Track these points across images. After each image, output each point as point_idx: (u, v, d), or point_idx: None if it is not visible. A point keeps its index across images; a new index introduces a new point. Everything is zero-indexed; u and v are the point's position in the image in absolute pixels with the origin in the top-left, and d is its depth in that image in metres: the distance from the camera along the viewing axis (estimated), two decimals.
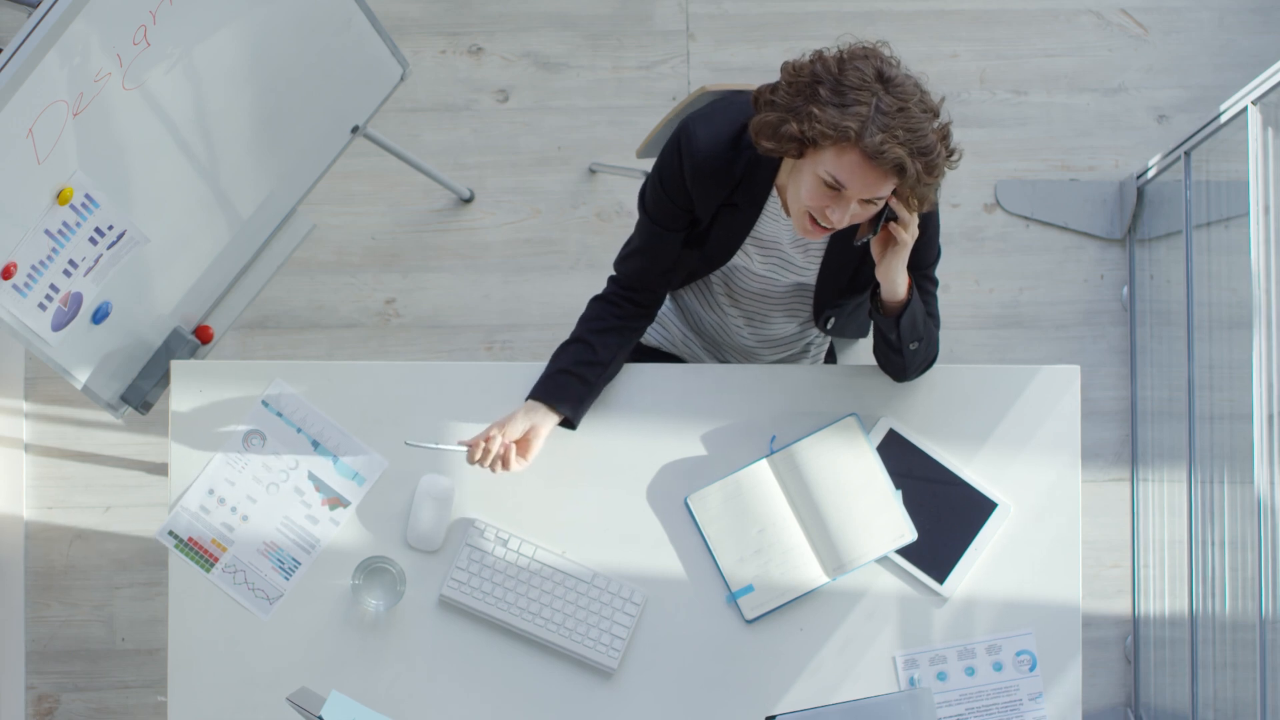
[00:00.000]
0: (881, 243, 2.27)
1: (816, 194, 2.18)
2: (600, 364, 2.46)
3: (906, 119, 2.11)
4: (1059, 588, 2.51)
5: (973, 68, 3.51)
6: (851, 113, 2.11)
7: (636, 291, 2.48)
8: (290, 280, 3.41)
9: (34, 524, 3.35)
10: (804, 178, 2.19)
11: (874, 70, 2.13)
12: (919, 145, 2.12)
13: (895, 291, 2.33)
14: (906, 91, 2.13)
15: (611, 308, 2.48)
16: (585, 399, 2.46)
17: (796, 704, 2.48)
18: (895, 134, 2.11)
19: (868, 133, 2.10)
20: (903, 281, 2.31)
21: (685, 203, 2.36)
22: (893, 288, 2.32)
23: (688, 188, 2.34)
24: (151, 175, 2.45)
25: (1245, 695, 2.95)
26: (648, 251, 2.44)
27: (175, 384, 2.54)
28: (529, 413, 2.43)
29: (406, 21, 3.49)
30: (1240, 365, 2.95)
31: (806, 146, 2.15)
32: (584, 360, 2.45)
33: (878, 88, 2.12)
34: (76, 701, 3.31)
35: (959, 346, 3.41)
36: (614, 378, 2.51)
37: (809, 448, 2.51)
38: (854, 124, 2.11)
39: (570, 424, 2.47)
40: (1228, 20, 3.52)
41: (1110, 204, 3.46)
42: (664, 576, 2.50)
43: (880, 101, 2.11)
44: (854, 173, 2.14)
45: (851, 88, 2.12)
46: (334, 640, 2.48)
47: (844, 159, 2.13)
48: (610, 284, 2.51)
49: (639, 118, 3.47)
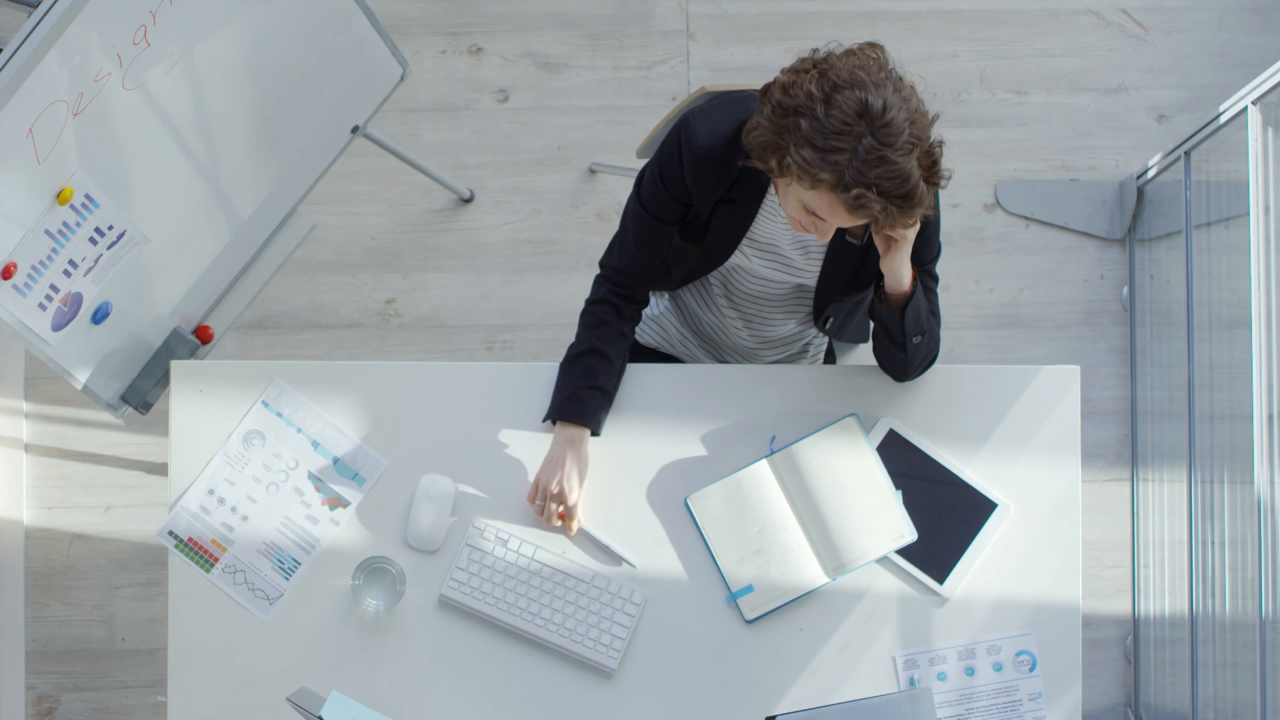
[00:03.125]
0: (884, 235, 2.27)
1: (799, 214, 2.19)
2: (616, 372, 2.48)
3: (887, 169, 2.06)
4: (1059, 588, 2.51)
5: (973, 68, 3.51)
6: (829, 161, 2.06)
7: (630, 287, 2.48)
8: (290, 280, 3.41)
9: (34, 524, 3.35)
10: (789, 196, 2.18)
11: (859, 104, 2.06)
12: (899, 192, 2.08)
13: (900, 283, 2.33)
14: (893, 130, 2.06)
15: (611, 310, 2.48)
16: (608, 408, 2.49)
17: (796, 704, 2.48)
18: (873, 185, 2.06)
19: (843, 185, 2.07)
20: (907, 273, 2.32)
21: (684, 197, 2.36)
22: (897, 279, 2.32)
23: (687, 183, 2.33)
24: (151, 175, 2.45)
25: (1245, 695, 2.95)
26: (642, 244, 2.44)
27: (175, 384, 2.54)
28: (573, 444, 2.45)
29: (406, 21, 3.49)
30: (1240, 365, 2.95)
31: (784, 174, 2.15)
32: (604, 371, 2.46)
33: (860, 128, 2.05)
34: (76, 701, 3.31)
35: (959, 346, 3.41)
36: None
37: (809, 448, 2.51)
38: (829, 176, 2.07)
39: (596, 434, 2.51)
40: (1228, 20, 3.52)
41: (1110, 204, 3.46)
42: (664, 576, 2.50)
43: (861, 147, 2.05)
44: (831, 211, 2.13)
45: (833, 131, 2.06)
46: (334, 640, 2.48)
47: (820, 197, 2.12)
48: (602, 283, 2.50)
49: (639, 118, 3.47)
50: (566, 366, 2.48)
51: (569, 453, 2.45)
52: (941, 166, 2.15)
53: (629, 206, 2.44)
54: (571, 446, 2.45)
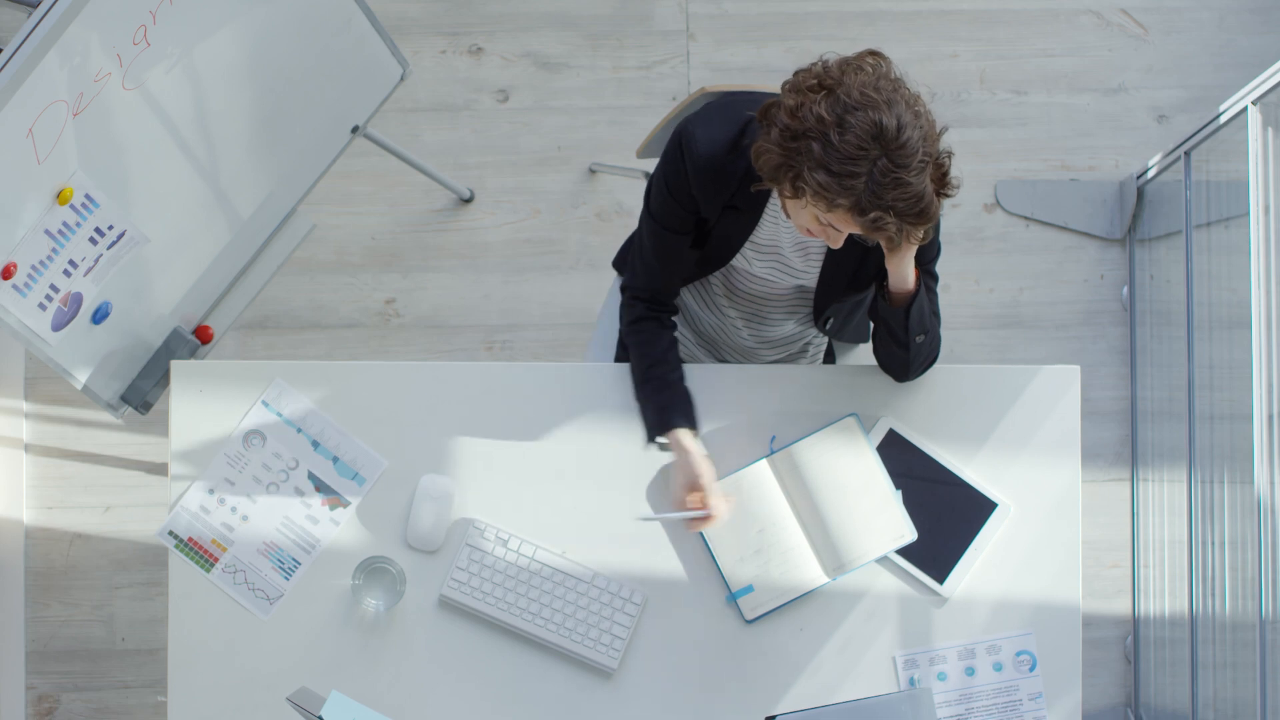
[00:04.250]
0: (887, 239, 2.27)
1: (813, 225, 2.18)
2: (681, 372, 2.48)
3: (902, 191, 2.05)
4: (1059, 588, 2.51)
5: (973, 68, 3.51)
6: (846, 185, 2.05)
7: (660, 301, 2.49)
8: (290, 280, 3.41)
9: (34, 524, 3.35)
10: (801, 211, 2.18)
11: (873, 127, 2.04)
12: (913, 211, 2.08)
13: (904, 282, 2.33)
14: (908, 151, 2.05)
15: (652, 324, 2.48)
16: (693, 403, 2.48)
17: (796, 704, 2.48)
18: (889, 207, 2.06)
19: (860, 207, 2.07)
20: (911, 272, 2.32)
21: (693, 206, 2.36)
22: (902, 279, 2.32)
23: (693, 191, 2.33)
24: (151, 175, 2.45)
25: (1245, 695, 2.95)
26: (662, 258, 2.43)
27: (175, 384, 2.54)
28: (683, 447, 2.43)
29: (406, 21, 3.49)
30: (1240, 365, 2.95)
31: (799, 196, 2.14)
32: (673, 377, 2.47)
33: (875, 151, 2.04)
34: (76, 701, 3.31)
35: (959, 346, 3.41)
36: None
37: (809, 448, 2.51)
38: (846, 200, 2.06)
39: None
40: (1228, 20, 3.52)
41: (1110, 204, 3.46)
42: (664, 576, 2.50)
43: (875, 169, 2.05)
44: (847, 226, 2.13)
45: (847, 156, 2.04)
46: (334, 640, 2.48)
47: (836, 216, 2.12)
48: (634, 304, 2.49)
49: (639, 118, 3.47)
50: (640, 387, 2.48)
51: (685, 456, 2.44)
52: (951, 176, 2.15)
53: (642, 225, 2.44)
54: (683, 449, 2.44)
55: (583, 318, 3.41)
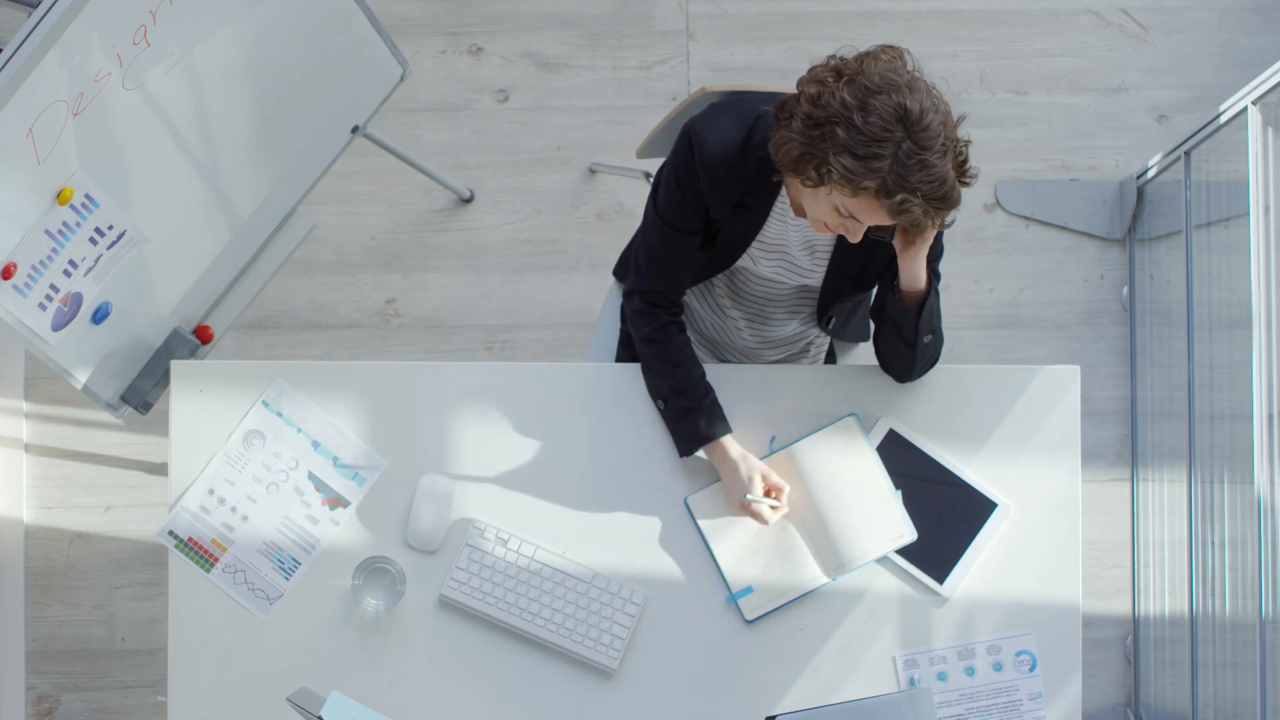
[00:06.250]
0: (904, 232, 2.27)
1: (831, 218, 2.18)
2: (703, 373, 2.49)
3: (927, 172, 2.07)
4: (1059, 588, 2.51)
5: (973, 68, 3.51)
6: (871, 168, 2.06)
7: (673, 301, 2.49)
8: (290, 280, 3.41)
9: (34, 524, 3.35)
10: (821, 201, 2.18)
11: (897, 109, 2.06)
12: (937, 194, 2.09)
13: (916, 281, 2.33)
14: (930, 134, 2.07)
15: (675, 328, 2.49)
16: (720, 406, 2.48)
17: (796, 704, 2.48)
18: (915, 189, 2.07)
19: (885, 191, 2.08)
20: (923, 271, 2.32)
21: (703, 205, 2.36)
22: (914, 278, 2.32)
23: (704, 191, 2.33)
24: (151, 175, 2.45)
25: (1245, 695, 2.95)
26: (672, 258, 2.43)
27: (175, 384, 2.54)
28: (722, 455, 2.45)
29: (406, 21, 3.49)
30: (1240, 365, 2.95)
31: (823, 183, 2.14)
32: (698, 383, 2.47)
33: (899, 133, 2.06)
34: (76, 701, 3.31)
35: (959, 346, 3.41)
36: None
37: (809, 448, 2.51)
38: (873, 183, 2.07)
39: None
40: (1228, 20, 3.52)
41: (1110, 204, 3.46)
42: (664, 576, 2.50)
43: (900, 151, 2.06)
44: (870, 213, 2.14)
45: (872, 138, 2.06)
46: (334, 640, 2.48)
47: (862, 203, 2.12)
48: (656, 311, 2.49)
49: (639, 118, 3.47)
50: (668, 399, 2.48)
51: (727, 465, 2.45)
52: (969, 165, 2.16)
53: (650, 227, 2.43)
54: (723, 458, 2.45)
55: (583, 318, 3.41)
